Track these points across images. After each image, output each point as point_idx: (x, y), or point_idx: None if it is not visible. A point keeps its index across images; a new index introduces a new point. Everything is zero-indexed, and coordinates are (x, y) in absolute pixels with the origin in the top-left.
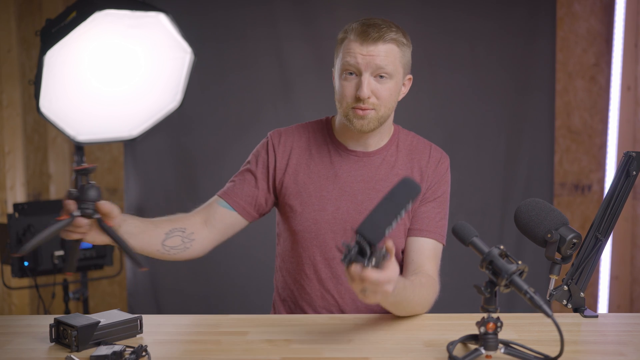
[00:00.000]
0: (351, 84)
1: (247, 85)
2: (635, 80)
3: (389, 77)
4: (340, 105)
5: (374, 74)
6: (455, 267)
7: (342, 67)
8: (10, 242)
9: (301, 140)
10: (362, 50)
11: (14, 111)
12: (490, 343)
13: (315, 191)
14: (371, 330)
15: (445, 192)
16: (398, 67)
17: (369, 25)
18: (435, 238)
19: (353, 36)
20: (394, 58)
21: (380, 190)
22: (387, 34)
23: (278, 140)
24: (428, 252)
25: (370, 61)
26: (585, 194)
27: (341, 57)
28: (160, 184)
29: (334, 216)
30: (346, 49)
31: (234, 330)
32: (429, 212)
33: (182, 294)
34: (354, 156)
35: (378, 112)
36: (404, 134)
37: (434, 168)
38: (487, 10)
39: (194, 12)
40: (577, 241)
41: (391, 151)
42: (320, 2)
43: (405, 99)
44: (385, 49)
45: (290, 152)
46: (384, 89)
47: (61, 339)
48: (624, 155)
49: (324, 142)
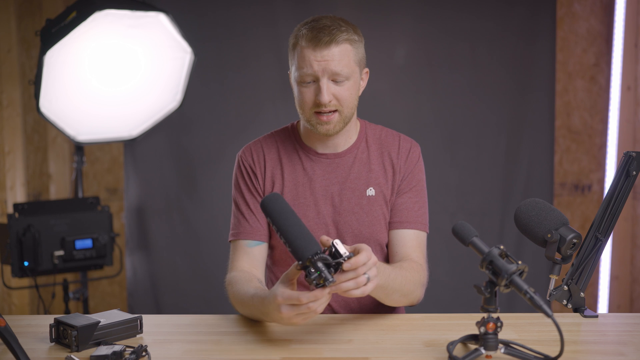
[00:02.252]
0: (310, 90)
1: (247, 85)
2: (635, 80)
3: (346, 79)
4: (303, 112)
5: (331, 77)
6: (455, 267)
7: (299, 77)
8: (10, 242)
9: (271, 151)
10: (315, 56)
11: (14, 111)
12: (490, 343)
13: (293, 199)
14: (371, 330)
15: (421, 180)
16: (354, 67)
17: (319, 29)
18: (417, 228)
19: (304, 42)
20: (349, 59)
21: (356, 189)
22: (338, 35)
23: (250, 157)
24: (411, 242)
25: (325, 66)
26: (585, 194)
27: (296, 66)
28: (160, 184)
29: (316, 222)
30: (300, 57)
31: (234, 330)
32: (406, 202)
33: (182, 294)
34: (325, 159)
35: (342, 114)
36: (371, 129)
37: (405, 158)
38: (487, 10)
39: (194, 12)
40: (577, 241)
41: (361, 148)
42: (320, 2)
43: (406, 99)
44: (339, 50)
45: (264, 165)
46: (343, 90)
47: (61, 339)
48: (624, 155)
49: (293, 149)
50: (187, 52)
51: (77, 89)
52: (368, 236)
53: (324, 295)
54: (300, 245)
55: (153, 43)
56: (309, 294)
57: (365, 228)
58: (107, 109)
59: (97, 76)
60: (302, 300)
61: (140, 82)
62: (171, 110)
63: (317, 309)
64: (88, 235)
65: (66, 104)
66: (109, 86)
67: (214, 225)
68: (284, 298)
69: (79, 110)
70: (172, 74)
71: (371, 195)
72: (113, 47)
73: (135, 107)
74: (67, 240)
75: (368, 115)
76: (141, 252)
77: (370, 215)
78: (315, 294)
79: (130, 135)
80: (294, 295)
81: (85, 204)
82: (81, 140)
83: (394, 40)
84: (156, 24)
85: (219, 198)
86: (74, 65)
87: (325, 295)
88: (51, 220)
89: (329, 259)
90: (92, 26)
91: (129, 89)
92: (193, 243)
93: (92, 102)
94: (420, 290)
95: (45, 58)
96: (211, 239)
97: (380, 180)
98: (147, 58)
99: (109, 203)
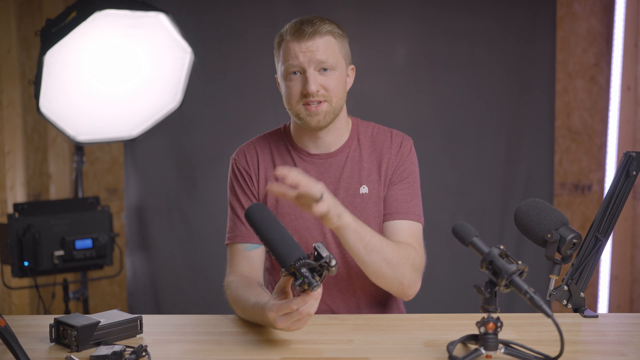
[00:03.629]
0: (297, 82)
1: (247, 85)
2: (635, 80)
3: (332, 69)
4: (291, 106)
5: (317, 68)
6: (455, 267)
7: (285, 70)
8: (10, 242)
9: (264, 152)
10: (300, 47)
11: (14, 111)
12: (490, 343)
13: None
14: (371, 330)
15: (413, 172)
16: (339, 58)
17: (302, 22)
18: (409, 218)
19: (289, 36)
20: (334, 50)
21: (349, 188)
22: (321, 27)
23: (244, 160)
24: (403, 231)
25: (311, 57)
26: (585, 194)
27: (282, 61)
28: (160, 184)
29: (311, 222)
30: (285, 51)
31: (234, 330)
32: (398, 194)
33: (182, 294)
34: (317, 159)
35: (331, 104)
36: (363, 126)
37: (397, 151)
38: (487, 10)
39: (194, 12)
40: (577, 241)
41: (353, 146)
42: (320, 2)
43: (406, 99)
44: (323, 42)
45: (257, 167)
46: (330, 80)
47: (61, 339)
48: (624, 155)
49: (285, 150)
50: (187, 52)
51: (77, 89)
52: None
53: (312, 297)
54: (283, 252)
55: (153, 43)
56: (297, 299)
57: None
58: (107, 109)
59: (97, 76)
60: (292, 307)
61: (140, 82)
62: (171, 110)
63: (309, 311)
64: (88, 235)
65: (66, 104)
66: (109, 86)
67: (214, 225)
68: (275, 312)
69: (79, 110)
70: (172, 74)
71: (364, 193)
72: (113, 47)
73: (135, 107)
74: (67, 240)
75: (368, 115)
76: (141, 252)
77: (364, 213)
78: (303, 298)
79: (130, 135)
80: (284, 305)
81: (85, 204)
82: (81, 140)
83: (394, 40)
84: (156, 24)
85: (219, 198)
86: (74, 65)
87: (313, 297)
88: (51, 220)
89: (312, 263)
90: (92, 26)
91: (129, 89)
92: (193, 243)
93: (92, 102)
94: (410, 271)
95: (45, 58)
96: (211, 238)
97: (372, 177)
98: (147, 58)
99: (109, 203)
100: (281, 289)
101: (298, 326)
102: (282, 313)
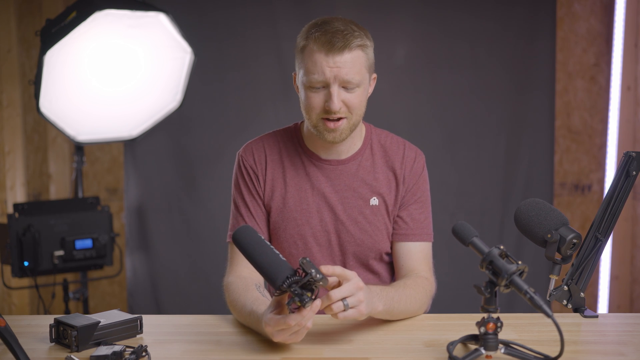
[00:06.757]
0: (319, 95)
1: (247, 85)
2: (635, 80)
3: (357, 86)
4: (309, 117)
5: (341, 85)
6: (455, 267)
7: (308, 82)
8: (10, 242)
9: (273, 151)
10: (328, 62)
11: (14, 111)
12: (490, 343)
13: (296, 204)
14: (371, 330)
15: (425, 190)
16: (364, 74)
17: (332, 33)
18: (422, 239)
19: (316, 46)
20: (361, 66)
21: (359, 198)
22: (352, 41)
23: (252, 158)
24: (417, 254)
25: (337, 73)
26: (585, 194)
27: (305, 70)
28: (160, 184)
29: (318, 229)
30: (311, 62)
31: (234, 330)
32: (412, 215)
33: (182, 294)
34: (328, 165)
35: (350, 121)
36: (376, 134)
37: (410, 169)
38: (487, 10)
39: (194, 12)
40: (577, 241)
41: (366, 155)
42: (320, 2)
43: (406, 99)
44: (351, 57)
45: (265, 166)
46: (353, 97)
47: (61, 339)
48: (624, 155)
49: (295, 152)
50: (187, 52)
51: (77, 89)
52: (370, 245)
53: (309, 311)
54: (271, 274)
55: (153, 43)
56: (294, 315)
57: (367, 237)
58: (107, 109)
59: (97, 76)
60: (290, 324)
61: (140, 82)
62: (171, 110)
63: (306, 324)
64: (88, 235)
65: (66, 104)
66: (109, 86)
67: (214, 225)
68: (272, 326)
69: (79, 110)
70: (172, 74)
71: (374, 205)
72: (113, 47)
73: (135, 107)
74: (67, 240)
75: (368, 115)
76: (141, 252)
77: (372, 224)
78: (301, 313)
79: (130, 135)
80: (281, 320)
81: (85, 204)
82: (81, 140)
83: (394, 40)
84: (156, 24)
85: (219, 198)
86: (74, 65)
87: (311, 310)
88: (51, 220)
89: (301, 280)
90: (92, 26)
91: (129, 89)
92: (193, 243)
93: (92, 102)
94: (427, 304)
95: (45, 58)
96: (211, 238)
97: (383, 189)
98: (147, 58)
99: (109, 203)
100: (277, 301)
101: (295, 339)
102: (278, 328)
